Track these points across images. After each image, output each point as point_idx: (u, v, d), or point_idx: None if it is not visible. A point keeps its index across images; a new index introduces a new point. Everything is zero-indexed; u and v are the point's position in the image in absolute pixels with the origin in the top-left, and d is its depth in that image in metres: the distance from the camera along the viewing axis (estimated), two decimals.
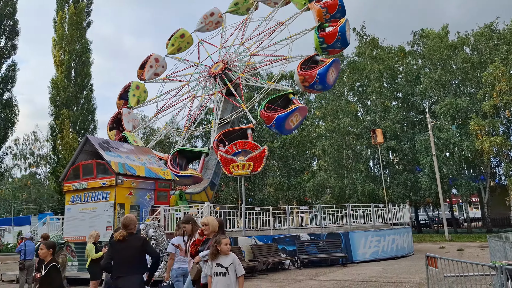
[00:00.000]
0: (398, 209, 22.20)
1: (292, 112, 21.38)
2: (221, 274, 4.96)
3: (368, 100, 43.82)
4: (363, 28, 44.67)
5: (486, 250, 18.95)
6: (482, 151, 32.70)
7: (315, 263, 17.28)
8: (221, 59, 28.27)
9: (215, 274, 5.01)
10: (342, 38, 22.86)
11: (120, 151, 18.34)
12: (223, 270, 4.94)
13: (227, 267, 4.93)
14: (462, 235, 33.55)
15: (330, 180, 38.76)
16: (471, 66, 37.96)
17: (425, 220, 52.51)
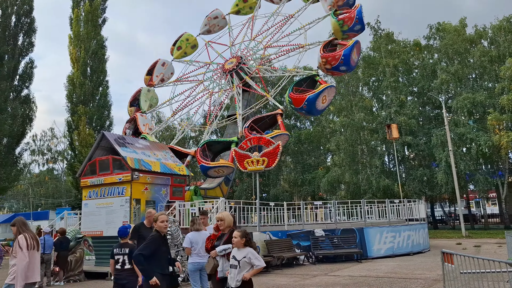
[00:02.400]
0: (413, 205, 22.03)
1: (322, 92, 21.34)
2: (233, 267, 5.03)
3: (383, 95, 43.39)
4: (377, 22, 44.24)
5: (503, 247, 18.71)
6: (500, 146, 32.17)
7: (330, 258, 17.27)
8: (234, 56, 28.30)
9: (230, 266, 5.09)
10: (360, 21, 22.96)
11: (135, 147, 18.54)
12: (235, 263, 5.01)
13: (239, 260, 4.98)
14: (479, 232, 33.12)
15: (344, 176, 38.58)
16: (489, 60, 37.28)
17: (441, 216, 51.95)
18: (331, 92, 22.54)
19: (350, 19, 23.10)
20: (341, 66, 21.70)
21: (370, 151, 40.45)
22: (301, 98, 21.30)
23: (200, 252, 7.45)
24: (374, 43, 43.80)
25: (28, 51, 36.67)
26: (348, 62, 21.56)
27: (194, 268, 7.56)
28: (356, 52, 22.40)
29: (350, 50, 21.49)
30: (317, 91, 21.33)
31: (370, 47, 44.45)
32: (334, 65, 21.70)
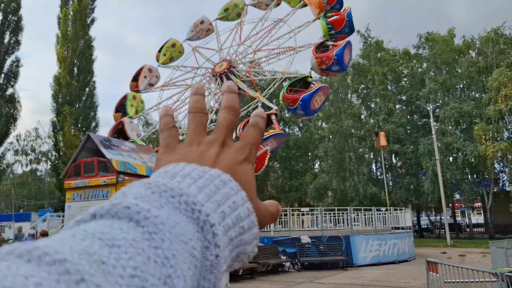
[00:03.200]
0: (400, 213, 22.04)
1: (317, 91, 21.35)
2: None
3: (371, 103, 43.64)
4: (367, 30, 44.53)
5: (488, 257, 18.75)
6: (486, 157, 32.47)
7: (316, 266, 17.13)
8: (224, 59, 28.18)
9: None
10: (350, 24, 23.14)
11: (121, 149, 18.25)
12: None
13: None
14: (464, 241, 33.32)
15: (332, 183, 38.60)
16: (476, 71, 37.74)
17: (427, 225, 52.23)
18: (325, 92, 22.61)
19: (340, 22, 23.27)
20: (334, 66, 21.81)
21: (357, 159, 40.56)
22: (295, 98, 21.29)
23: None
24: (363, 51, 44.07)
25: (14, 49, 36.17)
26: (341, 62, 21.69)
27: None
28: (348, 52, 22.55)
29: (342, 50, 21.63)
30: (311, 91, 21.35)
31: (359, 55, 44.72)
32: (328, 64, 21.79)
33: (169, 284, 0.35)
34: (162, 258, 0.36)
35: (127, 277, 0.32)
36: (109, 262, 0.33)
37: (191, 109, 0.57)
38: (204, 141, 0.54)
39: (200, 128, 0.56)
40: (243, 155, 0.54)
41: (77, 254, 0.32)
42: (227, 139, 0.54)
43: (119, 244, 0.35)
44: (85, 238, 0.34)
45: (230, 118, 0.55)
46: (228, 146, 0.54)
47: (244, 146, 0.54)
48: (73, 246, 0.32)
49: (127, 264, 0.33)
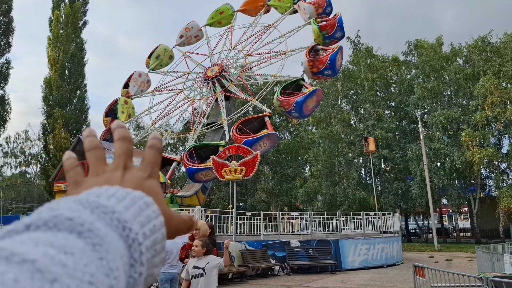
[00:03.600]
0: (388, 218, 22.32)
1: (310, 94, 21.62)
2: (199, 276, 5.16)
3: (361, 108, 44.06)
4: (357, 37, 45.01)
5: (474, 261, 19.09)
6: (472, 162, 32.99)
7: (305, 269, 17.30)
8: (215, 63, 28.34)
9: (194, 277, 5.21)
10: (341, 28, 23.58)
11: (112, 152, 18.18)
12: (200, 271, 5.15)
13: (203, 267, 5.14)
14: (451, 245, 33.75)
15: (321, 187, 38.85)
16: (463, 78, 38.36)
17: (415, 229, 52.74)
18: (318, 95, 22.90)
19: (331, 26, 23.63)
20: (327, 70, 22.14)
21: (347, 163, 40.90)
22: (289, 101, 21.55)
23: (172, 261, 7.39)
24: (353, 57, 44.53)
25: (5, 51, 35.91)
26: (334, 66, 22.03)
27: (165, 278, 7.49)
28: (340, 57, 22.92)
29: (336, 54, 21.98)
30: (305, 94, 21.61)
31: (349, 61, 45.17)
32: (320, 69, 22.10)
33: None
34: (107, 269, 0.36)
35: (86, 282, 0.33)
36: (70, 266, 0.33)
37: (87, 148, 0.59)
38: (107, 169, 0.57)
39: (100, 161, 0.59)
40: (146, 172, 0.57)
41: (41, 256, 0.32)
42: (128, 163, 0.57)
43: (72, 251, 0.35)
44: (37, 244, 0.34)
45: (125, 146, 0.59)
46: (130, 168, 0.57)
47: (146, 165, 0.58)
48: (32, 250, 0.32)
49: (85, 270, 0.34)
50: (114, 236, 0.41)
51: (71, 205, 0.42)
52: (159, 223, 0.49)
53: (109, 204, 0.44)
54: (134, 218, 0.45)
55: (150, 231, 0.47)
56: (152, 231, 0.47)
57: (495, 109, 33.32)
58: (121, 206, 0.45)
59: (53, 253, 0.33)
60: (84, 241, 0.37)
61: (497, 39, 40.32)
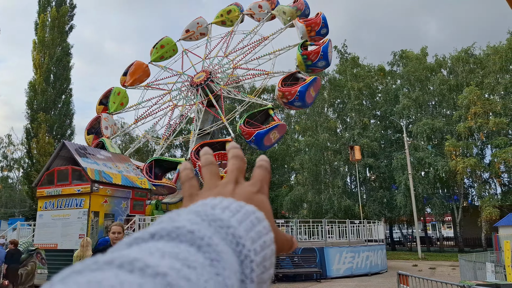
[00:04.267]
0: (373, 226, 22.45)
1: (272, 129, 21.68)
2: None
3: (347, 117, 44.42)
4: (344, 46, 45.46)
5: (457, 269, 19.30)
6: (456, 172, 33.42)
7: (290, 277, 17.28)
8: (204, 70, 28.34)
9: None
10: (325, 57, 23.36)
11: (97, 158, 18.11)
12: None
13: None
14: (435, 254, 34.04)
15: (307, 195, 38.94)
16: (447, 88, 38.98)
17: (399, 237, 53.12)
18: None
19: (315, 54, 23.55)
20: (296, 102, 22.30)
21: (333, 171, 41.10)
22: (250, 132, 21.72)
23: None
24: (340, 66, 44.94)
25: None
26: (304, 99, 22.03)
27: None
28: (314, 89, 22.89)
29: (307, 87, 22.00)
30: (267, 128, 21.81)
31: (336, 70, 45.57)
32: (290, 100, 22.24)
33: None
34: (223, 285, 0.38)
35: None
36: (194, 281, 0.35)
37: (203, 163, 0.64)
38: (220, 183, 0.60)
39: (214, 176, 0.62)
40: (256, 187, 0.60)
41: (170, 269, 0.34)
42: (239, 179, 0.61)
43: (194, 266, 0.37)
44: (163, 256, 0.36)
45: (238, 163, 0.62)
46: (242, 183, 0.60)
47: (256, 181, 0.61)
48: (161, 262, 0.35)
49: (206, 285, 0.36)
50: (229, 251, 0.43)
51: (191, 217, 0.44)
52: (269, 239, 0.50)
53: (225, 218, 0.46)
54: (246, 233, 0.46)
55: (261, 247, 0.48)
56: (262, 247, 0.48)
57: (478, 120, 33.90)
58: (235, 220, 0.47)
59: (179, 266, 0.35)
60: (203, 255, 0.39)
61: (480, 51, 41.17)
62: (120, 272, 0.32)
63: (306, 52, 23.10)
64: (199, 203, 0.50)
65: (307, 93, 21.84)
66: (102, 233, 16.10)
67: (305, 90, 21.81)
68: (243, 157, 0.64)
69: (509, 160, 32.39)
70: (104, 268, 0.32)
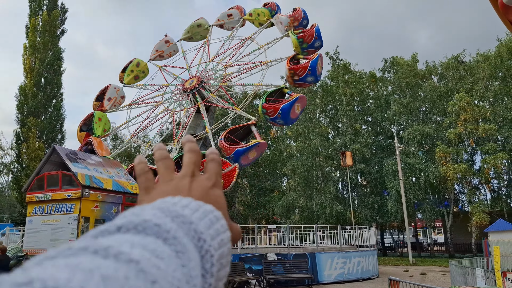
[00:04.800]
0: (364, 232, 22.51)
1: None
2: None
3: (339, 123, 44.62)
4: (336, 53, 45.73)
5: (447, 275, 19.39)
6: (446, 178, 33.66)
7: (281, 283, 17.24)
8: (196, 75, 28.31)
9: None
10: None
11: (88, 163, 17.98)
12: None
13: None
14: (426, 259, 34.18)
15: (299, 200, 38.97)
16: (438, 95, 39.35)
17: (390, 243, 53.29)
18: (303, 102, 23.11)
19: (310, 36, 23.96)
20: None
21: (324, 177, 41.19)
22: (275, 107, 21.69)
23: None
24: (332, 72, 45.18)
25: None
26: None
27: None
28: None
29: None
30: (290, 100, 21.80)
31: (328, 76, 45.81)
32: (301, 76, 22.32)
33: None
34: (188, 276, 0.40)
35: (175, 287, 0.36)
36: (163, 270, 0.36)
37: (157, 158, 0.64)
38: (175, 177, 0.61)
39: (168, 169, 0.63)
40: (211, 181, 0.62)
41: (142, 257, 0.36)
42: (195, 172, 0.62)
43: (162, 256, 0.38)
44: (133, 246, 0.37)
45: (194, 157, 0.63)
46: (197, 176, 0.62)
47: (211, 175, 0.63)
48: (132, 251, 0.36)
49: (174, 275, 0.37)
50: (191, 246, 0.45)
51: (156, 212, 0.45)
52: (226, 237, 0.51)
53: (187, 214, 0.48)
54: (206, 230, 0.48)
55: (219, 244, 0.49)
56: (220, 244, 0.49)
57: (467, 126, 34.23)
58: (195, 217, 0.48)
59: (148, 256, 0.36)
60: (170, 247, 0.41)
61: (470, 58, 41.67)
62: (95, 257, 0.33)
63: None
64: (158, 202, 0.50)
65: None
66: None
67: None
68: (198, 151, 0.65)
69: (498, 166, 32.74)
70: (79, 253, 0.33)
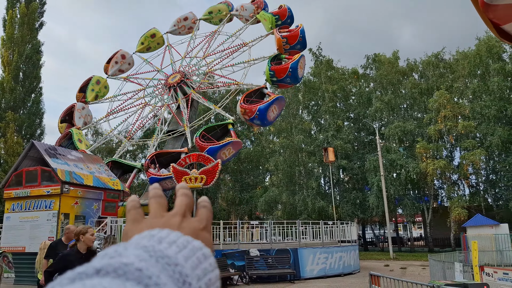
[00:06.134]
0: (346, 227, 22.71)
1: (225, 146, 21.70)
2: None
3: (321, 119, 44.86)
4: (319, 49, 45.89)
5: (427, 269, 19.72)
6: (426, 173, 34.18)
7: (264, 279, 17.29)
8: (179, 70, 28.14)
9: None
10: (293, 75, 23.33)
11: (67, 158, 17.70)
12: None
13: None
14: (406, 254, 34.71)
15: (281, 196, 39.11)
16: (418, 92, 39.87)
17: (372, 238, 53.95)
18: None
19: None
20: (256, 120, 22.50)
21: (307, 173, 41.41)
22: (203, 147, 21.69)
23: None
24: (315, 68, 45.35)
25: None
26: (264, 118, 22.29)
27: None
28: (276, 107, 23.16)
29: (268, 106, 22.20)
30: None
31: (310, 72, 45.95)
32: (250, 117, 22.36)
33: None
34: None
35: None
36: None
37: (151, 195, 0.64)
38: (167, 214, 0.61)
39: (161, 207, 0.63)
40: (202, 224, 0.62)
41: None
42: (186, 213, 0.62)
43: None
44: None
45: (186, 200, 0.63)
46: (188, 218, 0.62)
47: (202, 219, 0.63)
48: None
49: None
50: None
51: (139, 253, 0.44)
52: (214, 276, 0.51)
53: (172, 255, 0.47)
54: (192, 271, 0.47)
55: (206, 285, 0.49)
56: (207, 285, 0.49)
57: (447, 123, 34.79)
58: (181, 256, 0.48)
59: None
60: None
61: (450, 56, 42.32)
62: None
63: (275, 68, 23.15)
64: (145, 234, 0.50)
65: (268, 112, 21.95)
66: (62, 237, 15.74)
67: (265, 109, 21.91)
68: (191, 196, 0.66)
69: (476, 162, 33.37)
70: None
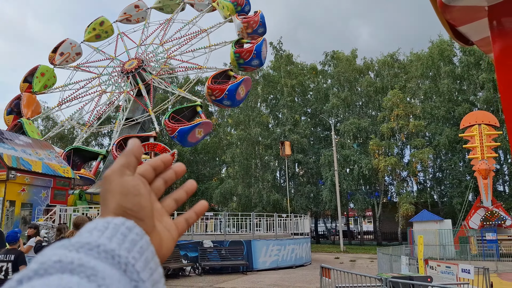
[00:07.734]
0: (299, 220, 23.10)
1: (195, 126, 21.67)
2: None
3: (279, 113, 45.24)
4: (279, 43, 46.13)
5: (375, 262, 20.44)
6: (378, 170, 35.33)
7: (217, 270, 17.31)
8: (136, 57, 27.50)
9: None
10: (258, 57, 23.70)
11: (15, 143, 16.91)
12: None
13: None
14: (356, 247, 35.79)
15: (237, 188, 39.21)
16: (374, 90, 41.02)
17: (323, 231, 55.17)
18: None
19: (247, 53, 24.08)
20: (225, 100, 22.83)
21: (263, 166, 41.71)
22: (173, 128, 21.68)
23: None
24: (274, 62, 45.57)
25: None
26: (233, 97, 22.71)
27: None
28: (244, 88, 23.58)
29: (237, 86, 22.62)
30: (190, 125, 21.87)
31: (270, 66, 46.14)
32: (218, 98, 22.62)
33: None
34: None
35: None
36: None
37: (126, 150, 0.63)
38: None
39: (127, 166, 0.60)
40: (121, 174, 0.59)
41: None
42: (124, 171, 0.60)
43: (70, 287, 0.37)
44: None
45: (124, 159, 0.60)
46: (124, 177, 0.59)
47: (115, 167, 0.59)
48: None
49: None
50: (106, 267, 0.43)
51: (55, 251, 0.43)
52: (145, 243, 0.51)
53: (92, 240, 0.46)
54: (119, 246, 0.47)
55: (139, 253, 0.49)
56: (140, 252, 0.49)
57: (399, 121, 36.06)
58: (104, 238, 0.47)
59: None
60: (78, 276, 0.39)
61: (404, 57, 43.77)
62: None
63: (239, 50, 23.37)
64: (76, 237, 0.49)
65: (236, 92, 22.13)
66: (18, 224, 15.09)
67: (235, 89, 22.10)
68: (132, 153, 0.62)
69: (425, 160, 34.84)
70: None
